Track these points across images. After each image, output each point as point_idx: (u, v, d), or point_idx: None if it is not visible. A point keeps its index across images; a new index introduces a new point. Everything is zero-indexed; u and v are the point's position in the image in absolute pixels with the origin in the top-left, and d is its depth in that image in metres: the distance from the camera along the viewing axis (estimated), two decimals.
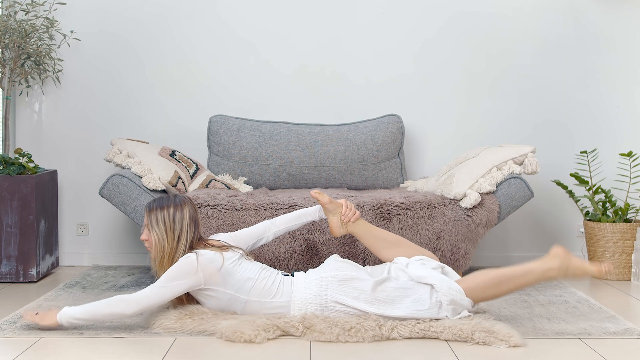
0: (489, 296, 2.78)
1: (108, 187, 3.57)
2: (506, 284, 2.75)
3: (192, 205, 2.94)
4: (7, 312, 3.12)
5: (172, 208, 2.88)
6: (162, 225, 2.86)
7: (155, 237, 2.86)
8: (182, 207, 2.89)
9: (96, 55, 4.27)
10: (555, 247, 2.78)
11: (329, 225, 3.11)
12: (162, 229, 2.85)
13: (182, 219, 2.87)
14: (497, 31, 4.29)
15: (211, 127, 4.10)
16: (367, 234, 3.09)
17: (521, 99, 4.31)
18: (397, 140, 4.10)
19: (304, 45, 4.30)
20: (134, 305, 2.73)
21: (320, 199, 3.06)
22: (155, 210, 2.89)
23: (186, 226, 2.87)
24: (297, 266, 3.45)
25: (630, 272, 3.85)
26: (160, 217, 2.87)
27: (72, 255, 4.28)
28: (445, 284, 2.75)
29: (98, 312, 2.74)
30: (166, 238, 2.85)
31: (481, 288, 2.76)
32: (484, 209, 3.50)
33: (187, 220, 2.88)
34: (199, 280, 2.79)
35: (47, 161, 4.27)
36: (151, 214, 2.89)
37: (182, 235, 2.86)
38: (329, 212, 3.10)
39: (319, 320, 2.74)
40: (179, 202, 2.90)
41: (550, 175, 4.28)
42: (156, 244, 2.86)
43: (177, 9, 4.27)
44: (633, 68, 4.31)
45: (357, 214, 3.08)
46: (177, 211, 2.88)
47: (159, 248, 2.86)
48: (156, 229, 2.86)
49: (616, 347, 2.65)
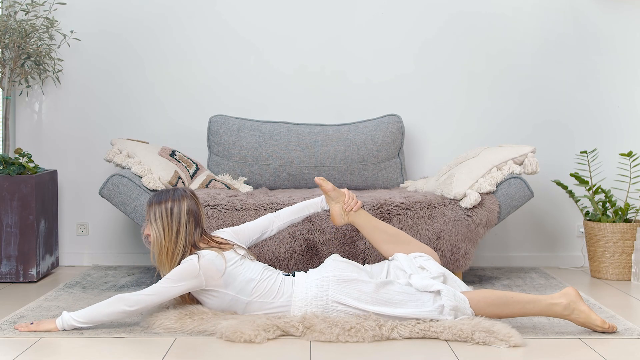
0: (490, 313, 2.77)
1: (108, 187, 3.57)
2: (510, 306, 2.77)
3: (193, 199, 2.91)
4: (7, 312, 3.12)
5: (170, 202, 2.86)
6: (159, 220, 2.84)
7: (154, 232, 2.86)
8: (181, 201, 2.87)
9: (96, 55, 4.27)
10: (569, 288, 2.81)
11: (331, 214, 3.14)
12: (160, 224, 2.84)
13: (180, 213, 2.85)
14: (497, 31, 4.29)
15: (211, 127, 4.10)
16: (368, 224, 3.12)
17: (521, 99, 4.31)
18: (397, 140, 4.10)
19: (304, 45, 4.30)
20: (134, 304, 2.73)
21: (323, 185, 3.09)
22: (154, 205, 2.88)
23: (184, 221, 2.85)
24: (297, 266, 3.45)
25: (630, 272, 3.85)
26: (158, 212, 2.85)
27: (72, 255, 4.29)
28: (451, 291, 2.77)
29: (99, 312, 2.74)
30: (163, 233, 2.83)
31: (485, 303, 2.77)
32: (484, 209, 3.50)
33: (186, 215, 2.85)
34: (201, 282, 2.79)
35: (47, 161, 4.27)
36: (150, 209, 2.88)
37: (180, 230, 2.84)
38: (331, 200, 3.12)
39: (319, 320, 2.74)
40: (178, 197, 2.88)
41: (550, 175, 4.27)
42: (154, 239, 2.86)
43: (177, 8, 4.27)
44: (633, 68, 4.31)
45: (359, 203, 3.13)
46: (175, 205, 2.86)
47: (157, 243, 2.85)
48: (154, 225, 2.85)
49: (616, 347, 2.65)
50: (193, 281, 2.77)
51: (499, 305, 2.77)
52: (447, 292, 2.75)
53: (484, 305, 2.77)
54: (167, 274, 2.81)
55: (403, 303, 2.76)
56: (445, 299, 2.73)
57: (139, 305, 2.74)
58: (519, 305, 2.77)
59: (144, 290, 2.77)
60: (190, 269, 2.76)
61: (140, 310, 2.76)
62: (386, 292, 2.78)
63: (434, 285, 2.77)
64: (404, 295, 2.77)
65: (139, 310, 2.77)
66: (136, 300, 2.74)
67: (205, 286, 2.80)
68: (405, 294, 2.78)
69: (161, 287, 2.75)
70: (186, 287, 2.77)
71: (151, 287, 2.77)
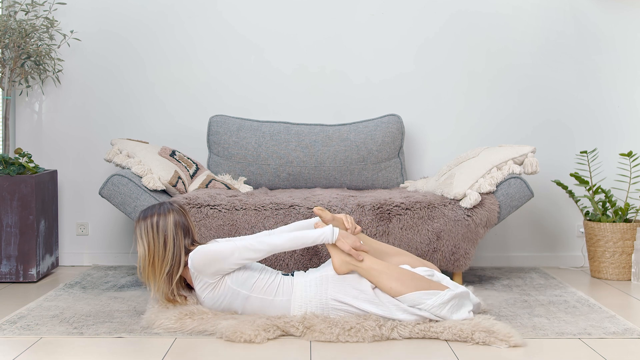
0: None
1: (108, 187, 3.57)
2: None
3: (180, 212, 2.95)
4: (7, 312, 3.12)
5: (156, 216, 2.90)
6: (145, 235, 2.89)
7: (141, 247, 2.89)
8: (166, 214, 2.91)
9: (96, 55, 4.27)
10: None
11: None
12: (146, 239, 2.88)
13: (166, 226, 2.89)
14: (497, 30, 4.29)
15: (211, 127, 4.10)
16: (369, 247, 3.01)
17: (521, 99, 4.31)
18: (397, 140, 4.10)
19: (305, 43, 4.29)
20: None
21: (322, 216, 2.99)
22: (140, 221, 2.92)
23: (172, 233, 2.88)
24: (297, 266, 3.45)
25: (630, 272, 3.85)
26: (144, 227, 2.90)
27: (72, 255, 4.29)
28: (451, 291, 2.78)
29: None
30: (149, 246, 2.87)
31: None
32: (484, 209, 3.50)
33: (173, 227, 2.89)
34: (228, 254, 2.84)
35: (47, 161, 4.27)
36: (137, 226, 2.92)
37: (167, 241, 2.87)
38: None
39: (319, 320, 2.74)
40: (163, 211, 2.92)
41: (550, 175, 4.27)
42: (141, 254, 2.89)
43: (177, 8, 4.27)
44: (633, 68, 4.31)
45: (358, 228, 3.02)
46: (161, 219, 2.89)
47: (143, 257, 2.88)
48: (141, 241, 2.89)
49: (616, 347, 2.65)
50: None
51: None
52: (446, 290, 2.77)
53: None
54: (152, 284, 2.88)
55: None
56: (443, 294, 2.75)
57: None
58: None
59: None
60: (209, 245, 2.84)
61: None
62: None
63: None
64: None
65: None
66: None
67: (225, 264, 2.80)
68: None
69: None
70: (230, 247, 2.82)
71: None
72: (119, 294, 3.46)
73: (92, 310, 3.13)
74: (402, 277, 2.78)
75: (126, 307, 3.21)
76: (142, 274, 2.90)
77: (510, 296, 3.44)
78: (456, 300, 2.77)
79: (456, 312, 2.78)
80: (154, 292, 2.91)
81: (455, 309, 2.78)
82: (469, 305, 2.83)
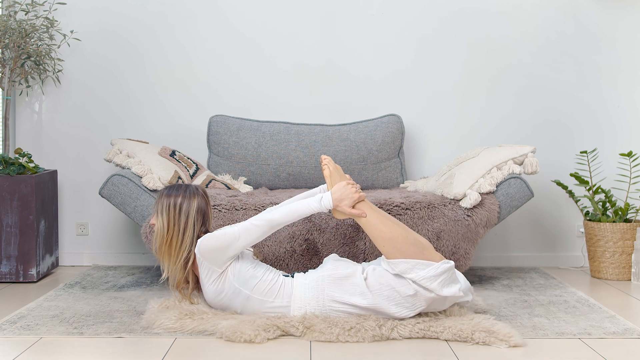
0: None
1: (108, 187, 3.57)
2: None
3: (204, 198, 2.93)
4: (7, 312, 3.12)
5: (181, 198, 2.87)
6: (165, 213, 2.85)
7: (159, 223, 2.86)
8: (191, 198, 2.88)
9: (96, 54, 4.27)
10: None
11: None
12: (166, 217, 2.85)
13: (189, 210, 2.86)
14: (497, 29, 4.29)
15: (211, 127, 4.10)
16: (370, 210, 2.94)
17: (521, 99, 4.31)
18: (397, 140, 4.10)
19: (305, 43, 4.29)
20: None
21: (323, 171, 2.99)
22: (164, 197, 2.89)
23: (193, 219, 2.86)
24: (297, 266, 3.45)
25: (630, 272, 3.85)
26: (166, 204, 2.86)
27: (72, 255, 4.29)
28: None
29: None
30: (167, 227, 2.84)
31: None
32: (484, 209, 3.50)
33: (195, 213, 2.86)
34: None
35: (47, 161, 4.27)
36: (159, 200, 2.89)
37: (187, 227, 2.85)
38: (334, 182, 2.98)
39: (319, 320, 2.74)
40: (189, 194, 2.89)
41: (550, 175, 4.27)
42: (157, 230, 2.87)
43: (177, 7, 4.27)
44: (633, 68, 4.31)
45: (362, 194, 2.96)
46: (185, 202, 2.87)
47: (160, 235, 2.86)
48: (160, 216, 2.87)
49: (616, 347, 2.65)
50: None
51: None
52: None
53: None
54: (166, 266, 2.85)
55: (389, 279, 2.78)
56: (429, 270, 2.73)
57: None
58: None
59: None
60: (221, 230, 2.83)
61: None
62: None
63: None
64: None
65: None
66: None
67: (234, 246, 2.79)
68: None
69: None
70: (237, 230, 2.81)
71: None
72: (119, 294, 3.46)
73: (92, 310, 3.13)
74: (400, 241, 2.78)
75: (126, 307, 3.21)
76: (158, 251, 2.87)
77: (510, 296, 3.44)
78: (448, 274, 2.75)
79: (446, 287, 2.74)
80: (166, 274, 2.89)
81: (446, 283, 2.74)
82: (459, 284, 2.80)
